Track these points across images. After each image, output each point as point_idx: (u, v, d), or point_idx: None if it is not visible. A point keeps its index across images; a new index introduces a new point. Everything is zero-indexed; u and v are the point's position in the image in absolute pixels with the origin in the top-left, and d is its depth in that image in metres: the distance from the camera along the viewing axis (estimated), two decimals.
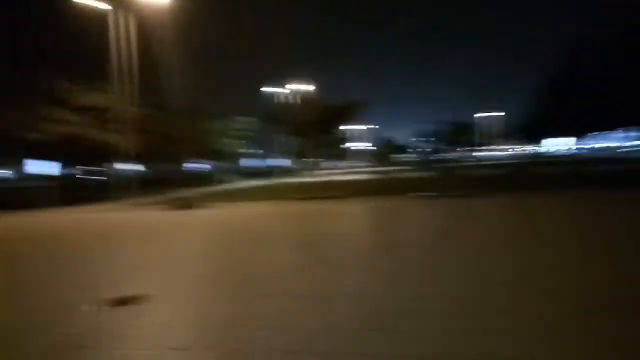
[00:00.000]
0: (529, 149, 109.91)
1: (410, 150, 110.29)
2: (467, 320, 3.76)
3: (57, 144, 28.07)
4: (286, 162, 49.37)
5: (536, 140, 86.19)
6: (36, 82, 29.56)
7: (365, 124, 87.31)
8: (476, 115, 78.66)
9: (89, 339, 3.75)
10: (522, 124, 69.10)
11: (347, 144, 78.96)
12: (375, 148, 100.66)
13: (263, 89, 42.39)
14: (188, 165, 57.91)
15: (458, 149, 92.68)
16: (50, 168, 32.99)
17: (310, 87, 37.03)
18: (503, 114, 77.44)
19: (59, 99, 27.52)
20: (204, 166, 58.96)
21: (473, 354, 3.13)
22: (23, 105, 28.46)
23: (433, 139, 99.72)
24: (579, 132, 39.39)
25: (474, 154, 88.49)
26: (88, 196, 23.61)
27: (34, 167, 32.60)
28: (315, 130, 31.16)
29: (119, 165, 24.41)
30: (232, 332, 3.76)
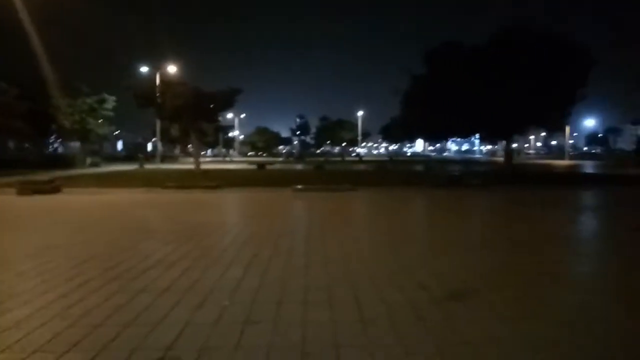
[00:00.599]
0: (394, 148, 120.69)
1: (292, 142, 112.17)
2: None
3: None
4: (159, 147, 46.72)
5: (399, 139, 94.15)
6: None
7: (243, 114, 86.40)
8: (358, 113, 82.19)
9: None
10: (389, 125, 74.72)
11: (225, 133, 77.34)
12: (254, 138, 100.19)
13: (136, 69, 39.38)
14: (52, 145, 51.54)
15: (338, 145, 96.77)
16: None
17: (179, 71, 35.34)
18: (361, 113, 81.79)
19: None
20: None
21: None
22: None
23: (312, 134, 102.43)
24: (435, 136, 44.05)
25: (354, 150, 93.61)
26: None
27: None
28: (189, 117, 29.81)
29: None
30: (99, 330, 3.45)
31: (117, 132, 60.19)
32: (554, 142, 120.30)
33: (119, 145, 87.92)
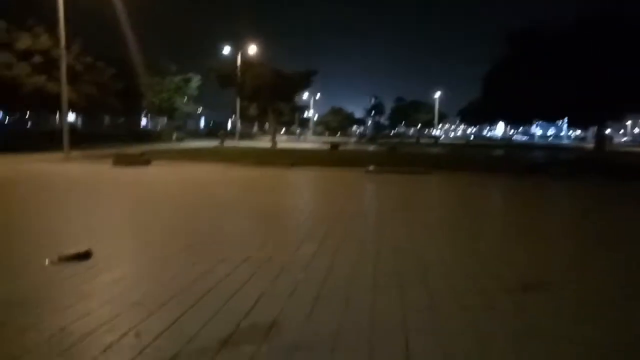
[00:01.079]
0: (472, 131, 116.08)
1: (366, 123, 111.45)
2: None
3: None
4: (238, 125, 48.55)
5: (478, 122, 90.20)
6: None
7: (318, 94, 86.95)
8: (435, 95, 79.14)
9: (48, 294, 3.65)
10: (468, 107, 71.63)
11: (302, 114, 78.55)
12: (328, 118, 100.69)
13: (219, 51, 40.95)
14: (142, 121, 55.65)
15: (413, 127, 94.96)
16: None
17: (259, 52, 35.89)
18: (438, 94, 78.03)
19: None
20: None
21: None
22: None
23: (386, 115, 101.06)
24: (518, 119, 41.66)
25: (430, 132, 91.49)
26: (31, 145, 22.31)
27: None
28: (267, 97, 30.68)
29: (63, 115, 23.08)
30: (184, 292, 3.77)
31: (200, 110, 63.28)
32: None
33: (202, 122, 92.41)
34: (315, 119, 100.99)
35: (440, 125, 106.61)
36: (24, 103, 28.31)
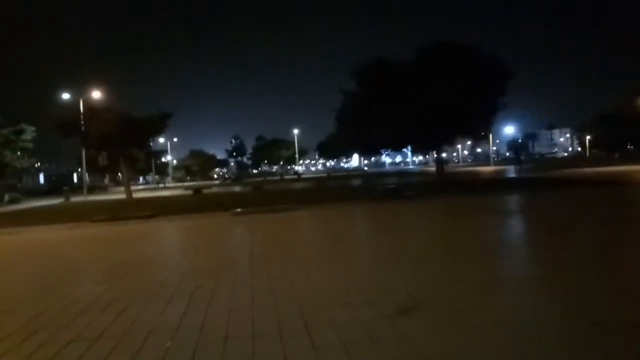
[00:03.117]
0: (331, 164, 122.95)
1: (228, 164, 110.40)
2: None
3: None
4: (86, 178, 44.09)
5: (335, 155, 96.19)
6: None
7: (175, 138, 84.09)
8: (294, 131, 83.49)
9: None
10: (325, 141, 75.92)
11: (158, 159, 74.71)
12: (188, 162, 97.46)
13: (57, 96, 37.00)
14: None
15: (276, 164, 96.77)
16: None
17: (105, 97, 33.45)
18: (297, 131, 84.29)
19: None
20: None
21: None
22: None
23: (248, 154, 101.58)
24: (368, 150, 45.37)
25: (292, 168, 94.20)
26: None
27: None
28: (118, 144, 28.55)
29: None
30: None
31: (38, 165, 56.29)
32: (479, 150, 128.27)
33: (42, 178, 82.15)
34: (174, 163, 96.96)
35: (301, 160, 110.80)
36: None
